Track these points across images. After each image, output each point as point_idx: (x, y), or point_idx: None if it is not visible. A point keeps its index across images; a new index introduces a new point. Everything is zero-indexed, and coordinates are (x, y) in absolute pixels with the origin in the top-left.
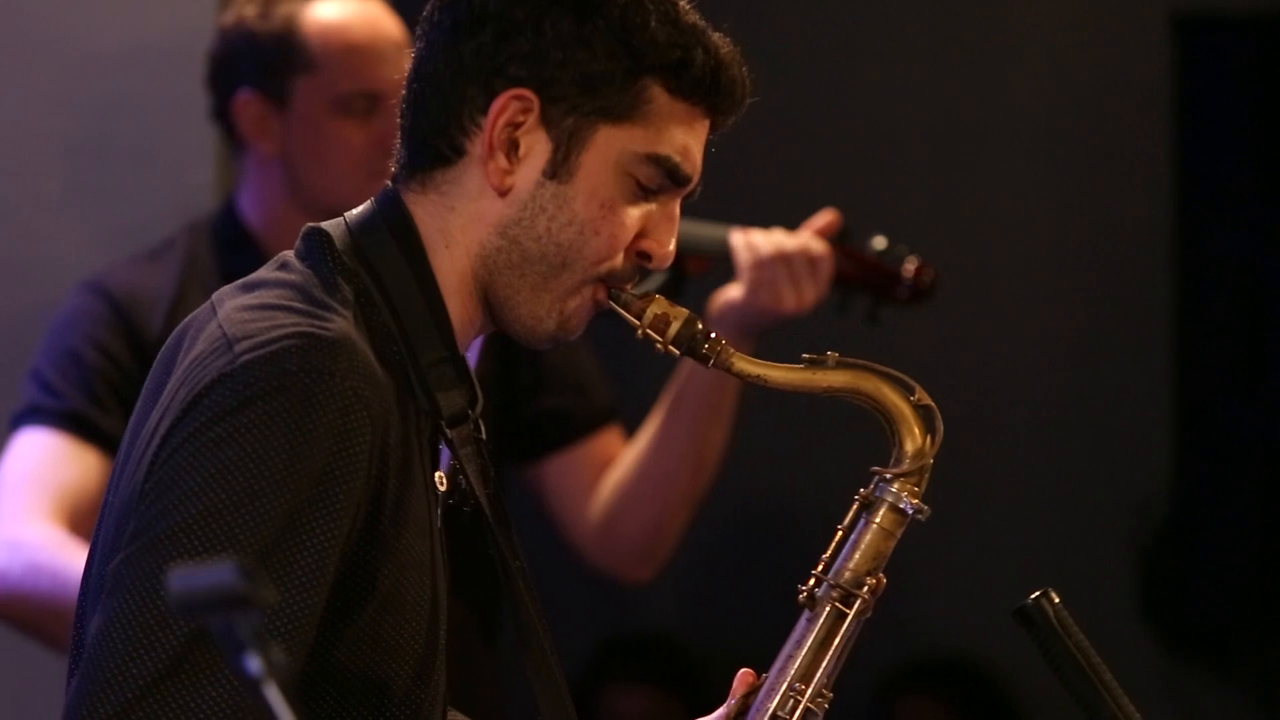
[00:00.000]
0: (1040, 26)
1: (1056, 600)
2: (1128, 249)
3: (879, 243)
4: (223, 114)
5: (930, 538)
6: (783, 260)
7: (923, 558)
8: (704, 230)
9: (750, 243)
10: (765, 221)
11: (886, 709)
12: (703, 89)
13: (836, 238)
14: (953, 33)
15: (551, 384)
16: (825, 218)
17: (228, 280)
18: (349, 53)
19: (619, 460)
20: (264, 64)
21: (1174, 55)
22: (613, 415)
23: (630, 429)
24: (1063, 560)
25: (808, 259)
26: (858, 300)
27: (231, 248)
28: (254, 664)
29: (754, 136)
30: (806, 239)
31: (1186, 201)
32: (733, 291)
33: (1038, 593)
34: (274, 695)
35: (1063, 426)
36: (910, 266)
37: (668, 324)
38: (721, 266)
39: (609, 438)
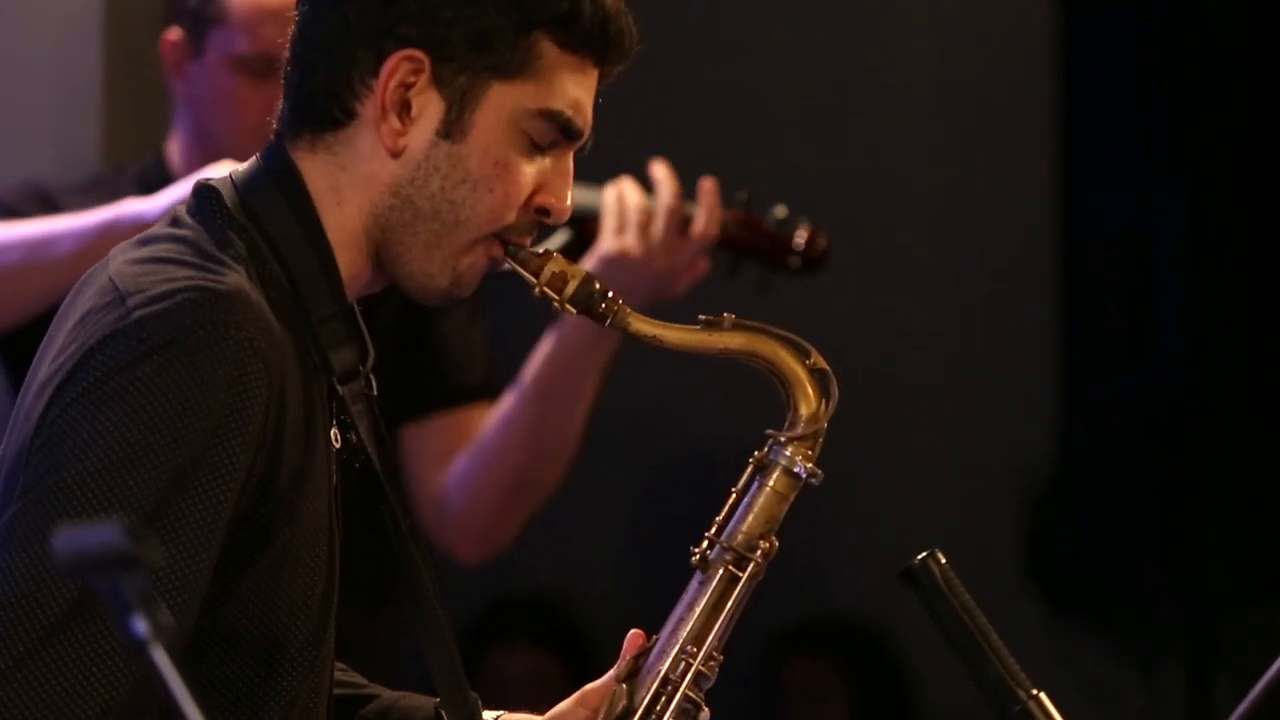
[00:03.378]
0: None
1: (943, 560)
2: (1013, 212)
3: (780, 212)
4: None
5: (819, 498)
6: (644, 213)
7: (812, 518)
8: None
9: (621, 195)
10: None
11: (775, 668)
12: (592, 40)
13: (740, 204)
14: None
15: (428, 350)
16: (704, 184)
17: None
18: (255, 12)
19: (471, 439)
20: (189, 9)
21: (1059, 18)
22: (483, 394)
23: None
24: (950, 521)
25: (672, 217)
26: (749, 267)
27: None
28: (140, 625)
29: (649, 99)
30: (674, 200)
31: (1072, 164)
32: (603, 246)
33: (924, 553)
34: (160, 656)
35: (949, 387)
36: (802, 236)
37: (565, 282)
38: None
39: (473, 415)
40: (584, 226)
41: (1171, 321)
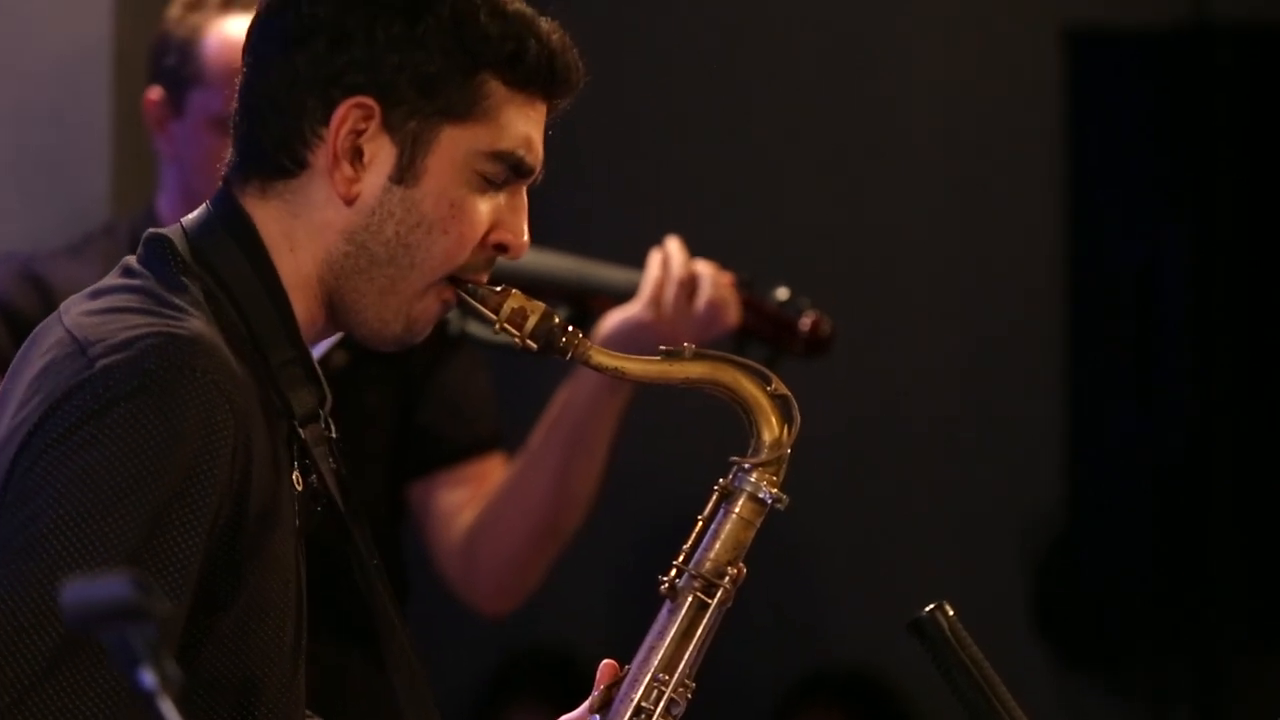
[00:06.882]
0: (932, 41)
1: (951, 613)
2: (1021, 261)
3: (781, 294)
4: None
5: (828, 550)
6: (689, 284)
7: (822, 569)
8: (610, 272)
9: (666, 255)
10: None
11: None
12: (539, 78)
13: (739, 286)
14: (844, 48)
15: (432, 403)
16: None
17: None
18: (234, 72)
19: (489, 489)
20: (169, 68)
21: (1066, 70)
22: (494, 444)
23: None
24: (958, 573)
25: (713, 294)
26: (754, 350)
27: None
28: (148, 677)
29: (639, 171)
30: (718, 277)
31: (1079, 214)
32: (630, 307)
33: (932, 605)
34: (168, 708)
35: (957, 439)
36: (807, 320)
37: (525, 318)
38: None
39: (485, 466)
40: (585, 300)
41: (1177, 369)
